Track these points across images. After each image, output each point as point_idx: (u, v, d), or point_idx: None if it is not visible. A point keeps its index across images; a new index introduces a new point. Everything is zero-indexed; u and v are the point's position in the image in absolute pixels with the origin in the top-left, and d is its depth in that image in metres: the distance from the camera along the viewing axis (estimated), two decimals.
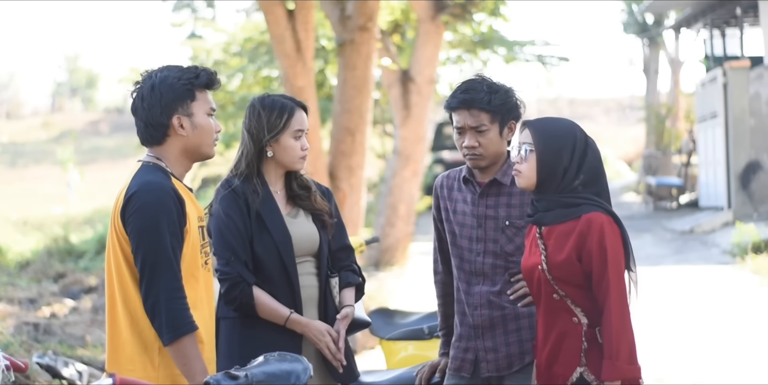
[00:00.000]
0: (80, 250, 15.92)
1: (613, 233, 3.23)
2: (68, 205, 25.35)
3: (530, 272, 3.32)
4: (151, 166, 3.14)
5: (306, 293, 3.69)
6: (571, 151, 3.28)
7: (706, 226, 16.68)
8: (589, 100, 52.30)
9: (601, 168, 3.33)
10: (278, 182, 3.76)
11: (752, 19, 19.48)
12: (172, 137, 3.15)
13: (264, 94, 3.80)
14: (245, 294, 3.58)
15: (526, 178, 3.32)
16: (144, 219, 3.02)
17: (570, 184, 3.27)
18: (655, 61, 29.34)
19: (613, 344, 3.16)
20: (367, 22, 9.29)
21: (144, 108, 3.13)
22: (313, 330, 3.63)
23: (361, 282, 3.87)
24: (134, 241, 3.03)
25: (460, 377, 3.68)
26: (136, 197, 3.04)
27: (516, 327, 3.60)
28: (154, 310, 3.01)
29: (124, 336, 3.06)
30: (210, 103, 3.19)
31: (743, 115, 16.87)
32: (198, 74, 3.16)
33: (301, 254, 3.70)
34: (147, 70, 3.19)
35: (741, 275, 11.93)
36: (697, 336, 8.60)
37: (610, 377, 3.16)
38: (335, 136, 9.55)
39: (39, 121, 45.51)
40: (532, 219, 3.33)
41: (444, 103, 3.68)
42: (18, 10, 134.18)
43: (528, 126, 3.35)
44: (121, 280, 3.07)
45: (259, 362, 2.71)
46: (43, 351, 7.16)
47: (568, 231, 3.24)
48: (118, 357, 3.07)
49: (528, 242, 3.38)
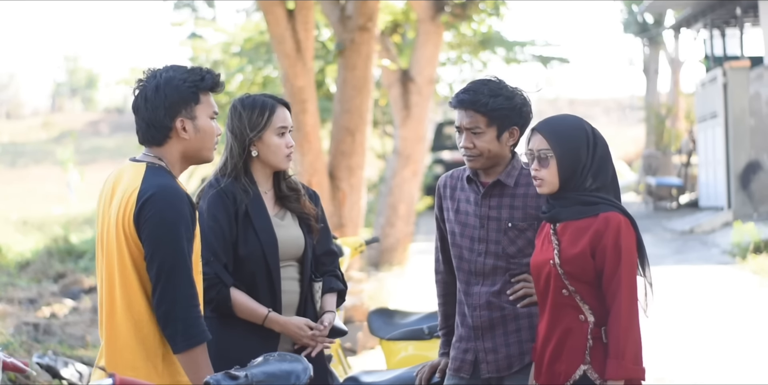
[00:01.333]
0: (80, 250, 15.91)
1: (629, 234, 3.24)
2: (68, 205, 25.34)
3: (540, 267, 3.32)
4: (157, 168, 3.07)
5: (286, 299, 3.67)
6: (586, 147, 3.29)
7: (706, 226, 16.68)
8: (589, 100, 52.29)
9: (610, 156, 3.34)
10: (266, 183, 3.73)
11: (752, 19, 19.47)
12: (173, 139, 3.10)
13: (244, 94, 3.77)
14: (222, 295, 3.56)
15: (549, 184, 3.31)
16: (163, 226, 2.97)
17: (586, 179, 3.28)
18: (655, 61, 29.35)
19: (620, 343, 3.17)
20: (367, 22, 9.29)
21: (147, 108, 3.08)
22: (292, 326, 3.61)
23: (344, 289, 3.84)
24: (150, 247, 2.98)
25: (460, 377, 3.68)
26: (152, 202, 2.98)
27: (516, 328, 3.60)
28: (168, 317, 2.97)
29: (124, 341, 3.02)
30: (213, 106, 3.16)
31: (743, 115, 16.87)
32: (203, 77, 3.12)
33: (285, 257, 3.67)
34: (151, 69, 3.14)
35: (741, 275, 11.92)
36: (697, 336, 8.59)
37: (615, 376, 3.16)
38: (335, 136, 9.56)
39: (39, 121, 45.50)
40: (548, 215, 3.33)
41: (449, 102, 3.67)
42: (18, 10, 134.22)
43: (539, 131, 3.33)
44: (125, 284, 3.02)
45: (259, 362, 2.70)
46: (43, 351, 7.16)
47: (585, 227, 3.25)
48: (116, 363, 3.02)
49: (539, 240, 3.37)
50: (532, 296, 3.55)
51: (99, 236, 3.12)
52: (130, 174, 3.07)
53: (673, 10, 23.84)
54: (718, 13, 19.88)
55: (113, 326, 3.04)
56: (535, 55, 18.34)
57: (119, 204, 3.03)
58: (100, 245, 3.11)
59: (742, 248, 13.09)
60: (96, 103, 56.50)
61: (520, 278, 3.58)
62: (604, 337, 3.25)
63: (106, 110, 51.42)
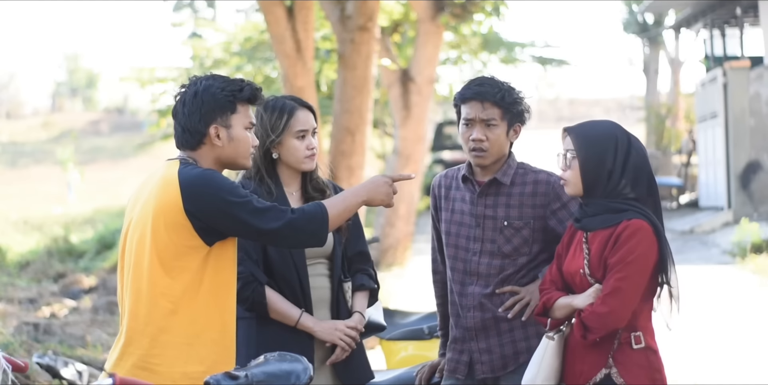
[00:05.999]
0: (80, 250, 15.93)
1: (647, 240, 3.22)
2: (68, 205, 25.34)
3: (572, 276, 3.33)
4: (191, 163, 3.15)
5: (317, 294, 3.69)
6: (613, 153, 3.28)
7: (706, 226, 16.68)
8: (589, 100, 52.24)
9: (647, 166, 3.32)
10: (293, 183, 3.75)
11: (752, 19, 19.48)
12: (206, 145, 3.16)
13: (270, 96, 3.78)
14: (258, 293, 3.58)
15: (573, 185, 3.33)
16: (222, 202, 3.06)
17: (617, 187, 3.27)
18: (655, 61, 29.34)
19: (589, 320, 3.20)
20: (367, 22, 9.28)
21: (184, 113, 3.15)
22: (325, 329, 3.62)
23: (375, 287, 3.84)
24: (222, 223, 3.07)
25: (456, 378, 3.69)
26: (198, 185, 3.06)
27: (509, 328, 3.61)
28: (292, 231, 3.13)
29: (154, 329, 3.05)
30: (250, 117, 3.21)
31: (743, 115, 16.87)
32: (242, 88, 3.17)
33: (313, 255, 3.69)
34: (195, 76, 3.22)
35: (741, 275, 11.93)
36: (697, 336, 8.60)
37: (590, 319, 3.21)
38: (335, 136, 9.55)
39: (39, 121, 45.45)
40: (580, 225, 3.34)
41: (455, 96, 3.65)
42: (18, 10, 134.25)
43: (569, 133, 3.35)
44: (153, 273, 3.06)
45: (259, 362, 2.71)
46: (43, 351, 7.16)
47: (609, 236, 3.25)
48: (143, 350, 3.04)
49: (573, 246, 3.37)
50: (525, 306, 3.58)
51: (126, 231, 3.18)
52: (165, 171, 3.13)
53: (673, 10, 23.84)
54: (718, 13, 19.89)
55: (138, 316, 3.07)
56: (535, 56, 18.36)
57: (158, 197, 3.08)
58: (129, 237, 3.15)
59: (742, 247, 13.09)
60: (96, 103, 56.46)
61: (505, 290, 3.58)
62: (633, 342, 3.27)
63: (106, 110, 51.37)
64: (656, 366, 3.33)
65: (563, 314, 3.32)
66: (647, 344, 3.31)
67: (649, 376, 3.30)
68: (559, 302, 3.32)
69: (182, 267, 3.06)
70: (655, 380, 3.31)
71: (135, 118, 43.29)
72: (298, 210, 3.16)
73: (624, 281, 3.20)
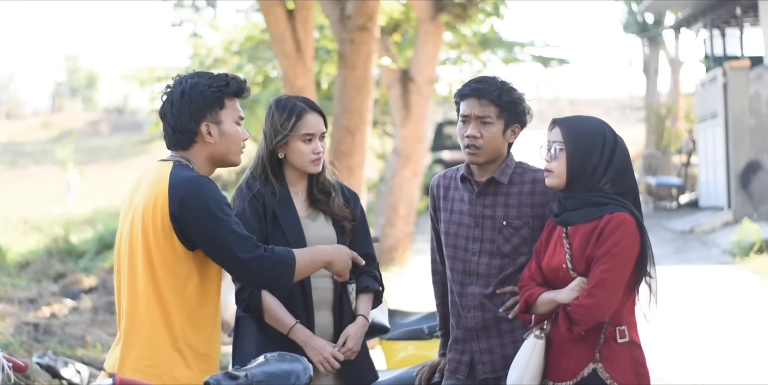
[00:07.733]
0: (80, 250, 15.91)
1: (630, 233, 3.24)
2: (68, 205, 25.33)
3: (554, 271, 3.33)
4: (183, 165, 3.14)
5: (319, 296, 3.67)
6: (600, 149, 3.30)
7: (706, 226, 16.67)
8: (589, 100, 52.26)
9: (629, 166, 3.34)
10: (299, 184, 3.75)
11: (752, 19, 19.47)
12: (199, 144, 3.16)
13: (284, 95, 3.79)
14: (254, 298, 3.58)
15: (557, 177, 3.34)
16: (207, 215, 3.05)
17: (598, 183, 3.29)
18: (655, 61, 29.32)
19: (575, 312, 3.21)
20: (367, 22, 9.28)
21: (173, 113, 3.15)
22: (315, 346, 3.60)
23: (380, 289, 3.84)
24: (201, 239, 3.06)
25: (456, 379, 3.68)
26: (187, 195, 3.04)
27: (510, 328, 3.61)
28: (257, 276, 3.13)
29: (148, 333, 3.05)
30: (238, 111, 3.21)
31: (743, 115, 16.86)
32: (228, 82, 3.17)
33: None
34: (178, 75, 3.20)
35: (741, 275, 11.92)
36: (697, 336, 8.60)
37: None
38: (335, 136, 9.55)
39: (39, 121, 45.46)
40: (559, 219, 3.34)
41: (455, 93, 3.66)
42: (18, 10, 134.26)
43: (558, 124, 3.36)
44: (150, 276, 3.06)
45: (259, 362, 2.71)
46: (43, 351, 7.16)
47: (592, 230, 3.26)
48: (139, 354, 3.05)
49: (552, 242, 3.38)
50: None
51: (120, 232, 3.17)
52: (157, 171, 3.13)
53: (673, 10, 23.84)
54: (718, 13, 19.88)
55: (134, 318, 3.07)
56: (535, 55, 18.35)
57: (147, 197, 3.08)
58: (122, 238, 3.15)
59: (742, 247, 13.08)
60: (96, 103, 56.45)
61: (506, 291, 3.58)
62: (618, 336, 3.27)
63: (106, 110, 51.37)
64: (640, 360, 3.33)
65: (546, 310, 3.32)
66: (631, 338, 3.31)
67: (633, 370, 3.30)
68: (542, 297, 3.32)
69: (169, 271, 3.06)
70: (639, 374, 3.31)
71: (135, 118, 43.31)
72: (270, 249, 3.13)
73: (609, 272, 3.20)
